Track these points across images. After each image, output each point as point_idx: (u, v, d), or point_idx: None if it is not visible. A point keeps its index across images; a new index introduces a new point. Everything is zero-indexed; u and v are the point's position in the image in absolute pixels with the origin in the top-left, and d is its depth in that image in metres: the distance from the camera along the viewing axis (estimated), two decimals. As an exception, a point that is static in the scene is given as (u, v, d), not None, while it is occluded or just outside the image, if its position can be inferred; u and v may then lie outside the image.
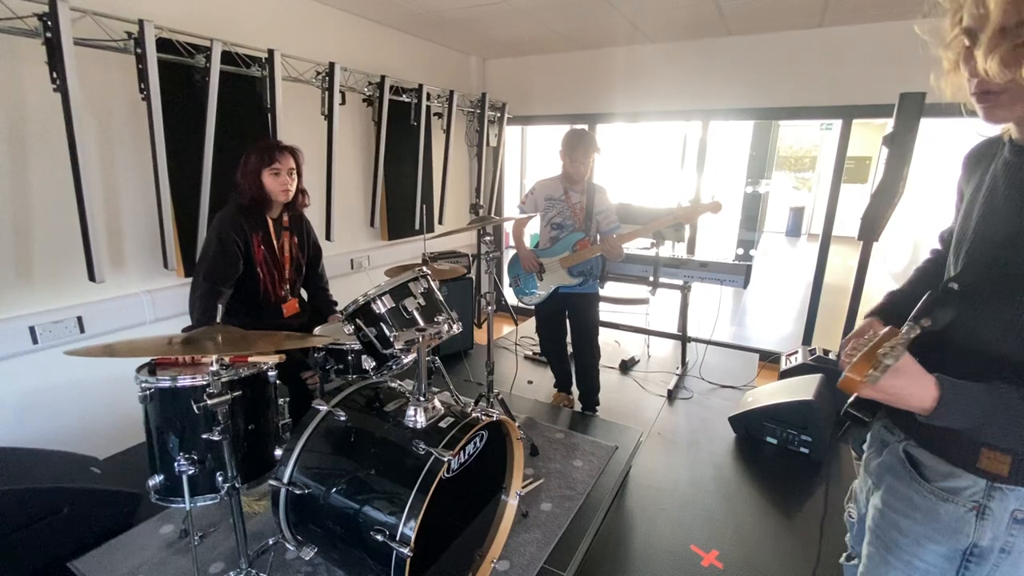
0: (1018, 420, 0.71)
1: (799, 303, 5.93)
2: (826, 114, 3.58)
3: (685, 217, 2.65)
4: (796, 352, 3.33)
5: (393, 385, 1.77)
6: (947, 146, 4.81)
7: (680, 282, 3.42)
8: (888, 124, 2.77)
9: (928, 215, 5.53)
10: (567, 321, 2.92)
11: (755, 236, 8.98)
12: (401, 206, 3.81)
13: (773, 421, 2.74)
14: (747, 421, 2.83)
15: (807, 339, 3.82)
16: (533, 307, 2.91)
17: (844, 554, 1.14)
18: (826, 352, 3.23)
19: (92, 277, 2.13)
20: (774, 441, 2.76)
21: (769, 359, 3.82)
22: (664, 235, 3.28)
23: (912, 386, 0.72)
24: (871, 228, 2.80)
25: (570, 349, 2.98)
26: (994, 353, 0.78)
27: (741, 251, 8.02)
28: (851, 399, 0.90)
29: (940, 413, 0.72)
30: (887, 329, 0.74)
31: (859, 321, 1.07)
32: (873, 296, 1.12)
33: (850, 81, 3.29)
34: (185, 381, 1.55)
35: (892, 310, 1.03)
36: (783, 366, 3.27)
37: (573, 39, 3.82)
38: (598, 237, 2.73)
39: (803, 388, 2.75)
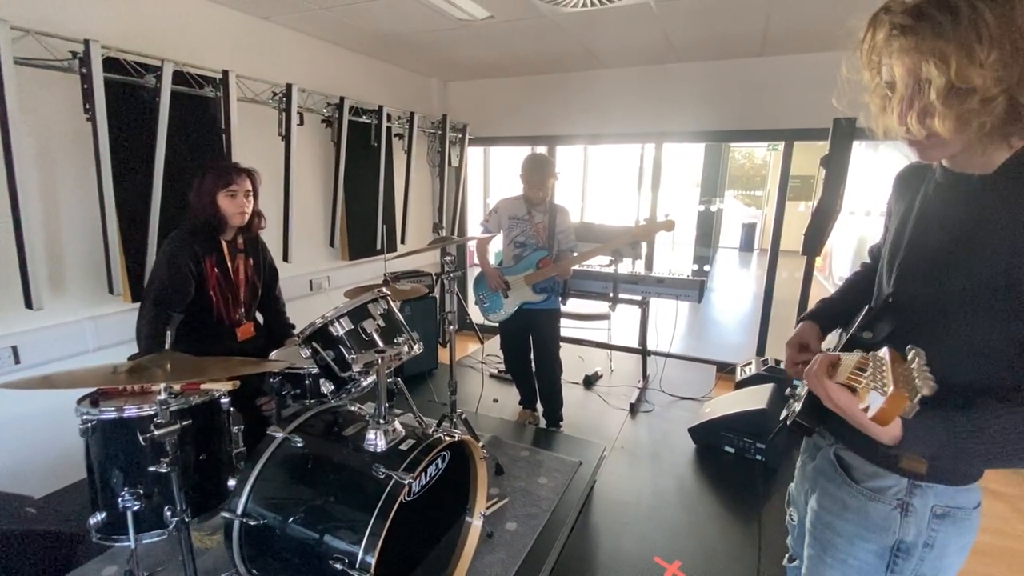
0: (964, 455, 0.70)
1: (753, 315, 6.16)
2: (769, 137, 3.80)
3: (642, 235, 2.76)
4: (750, 363, 3.46)
5: (352, 409, 1.75)
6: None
7: (639, 297, 3.52)
8: (826, 146, 2.97)
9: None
10: (530, 337, 2.96)
11: (710, 252, 9.32)
12: (362, 226, 3.78)
13: (730, 431, 2.82)
14: (706, 432, 2.91)
15: (760, 350, 3.97)
16: (498, 324, 2.94)
17: (786, 555, 1.18)
18: (778, 362, 3.37)
19: (29, 304, 2.02)
20: (732, 450, 2.84)
21: (726, 370, 3.95)
22: (622, 252, 3.39)
23: None
24: (813, 243, 2.98)
25: (534, 366, 3.01)
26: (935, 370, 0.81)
27: (696, 267, 8.32)
28: (799, 409, 0.93)
29: (905, 442, 0.71)
30: (889, 352, 0.69)
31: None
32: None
33: (790, 106, 3.51)
34: (131, 412, 1.49)
35: (825, 315, 1.10)
36: (738, 376, 3.39)
37: (531, 64, 3.93)
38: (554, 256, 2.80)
39: (757, 397, 2.85)
